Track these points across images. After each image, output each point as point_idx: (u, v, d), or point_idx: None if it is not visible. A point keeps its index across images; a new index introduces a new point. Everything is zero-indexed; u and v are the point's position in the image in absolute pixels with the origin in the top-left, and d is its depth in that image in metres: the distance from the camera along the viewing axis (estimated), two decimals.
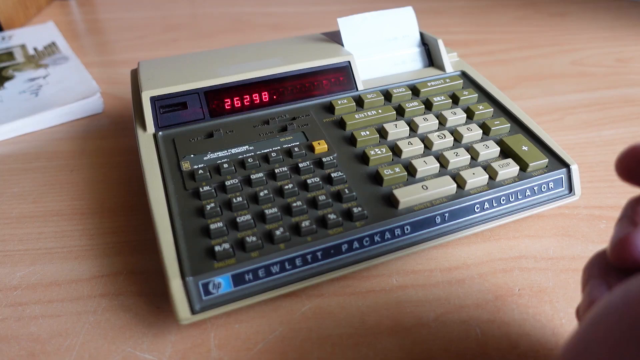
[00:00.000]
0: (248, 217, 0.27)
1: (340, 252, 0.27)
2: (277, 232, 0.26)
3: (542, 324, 0.27)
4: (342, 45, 0.40)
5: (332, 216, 0.27)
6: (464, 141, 0.33)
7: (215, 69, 0.37)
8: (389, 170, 0.30)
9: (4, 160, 0.42)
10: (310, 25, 0.75)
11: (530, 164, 0.31)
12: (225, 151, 0.32)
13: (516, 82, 0.55)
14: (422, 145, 0.33)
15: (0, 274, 0.30)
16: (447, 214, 0.29)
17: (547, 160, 0.32)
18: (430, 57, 0.42)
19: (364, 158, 0.32)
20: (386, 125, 0.34)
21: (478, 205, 0.30)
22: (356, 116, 0.35)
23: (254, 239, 0.26)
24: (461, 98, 0.37)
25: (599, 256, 0.20)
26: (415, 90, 0.38)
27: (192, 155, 0.32)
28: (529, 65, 0.59)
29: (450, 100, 0.37)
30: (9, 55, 0.60)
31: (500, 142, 0.33)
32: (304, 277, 0.27)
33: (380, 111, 0.35)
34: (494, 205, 0.30)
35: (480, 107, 0.36)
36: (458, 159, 0.31)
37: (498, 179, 0.31)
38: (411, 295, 0.28)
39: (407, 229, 0.29)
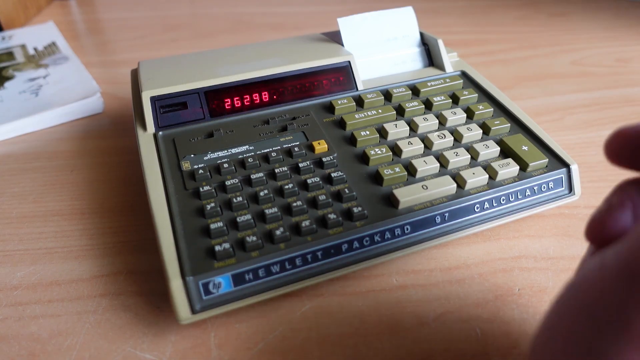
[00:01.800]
0: (248, 217, 0.27)
1: (340, 252, 0.27)
2: (277, 232, 0.26)
3: None
4: (342, 45, 0.40)
5: (332, 216, 0.27)
6: (464, 141, 0.33)
7: (215, 69, 0.37)
8: (389, 170, 0.30)
9: (4, 160, 0.42)
10: (310, 25, 0.75)
11: (530, 164, 0.31)
12: (226, 151, 0.32)
13: (516, 82, 0.55)
14: (422, 145, 0.33)
15: (1, 274, 0.30)
16: (447, 214, 0.29)
17: (547, 160, 0.32)
18: (430, 57, 0.42)
19: (364, 158, 0.32)
20: (386, 125, 0.34)
21: (478, 205, 0.30)
22: (356, 116, 0.35)
23: (254, 238, 0.26)
24: (461, 98, 0.37)
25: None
26: (415, 90, 0.38)
27: (192, 155, 0.32)
28: (529, 65, 0.59)
29: (450, 100, 0.37)
30: (9, 55, 0.60)
31: (500, 142, 0.33)
32: (304, 277, 0.27)
33: (380, 111, 0.35)
34: (494, 205, 0.30)
35: (480, 107, 0.36)
36: (458, 158, 0.31)
37: (498, 178, 0.31)
38: (411, 295, 0.28)
39: (407, 229, 0.29)
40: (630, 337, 0.14)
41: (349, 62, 0.38)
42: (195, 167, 0.31)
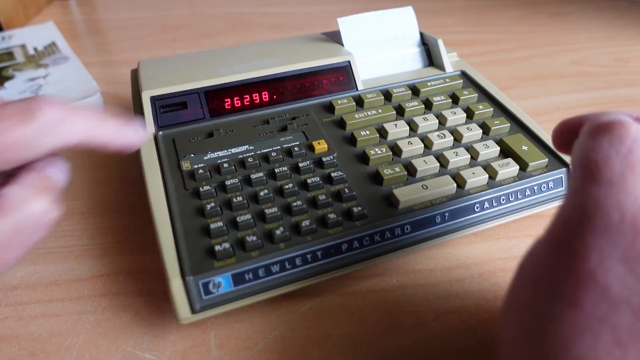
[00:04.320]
0: (248, 216, 0.27)
1: (340, 251, 0.27)
2: (277, 232, 0.26)
3: None
4: (342, 45, 0.40)
5: (332, 216, 0.27)
6: (463, 141, 0.33)
7: (215, 68, 0.37)
8: (389, 170, 0.30)
9: None
10: (310, 25, 0.75)
11: (530, 164, 0.31)
12: (225, 151, 0.32)
13: (516, 82, 0.55)
14: (422, 145, 0.33)
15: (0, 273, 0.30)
16: (447, 214, 0.29)
17: (547, 159, 0.32)
18: (430, 57, 0.42)
19: (364, 158, 0.32)
20: (386, 125, 0.34)
21: (478, 205, 0.30)
22: (356, 116, 0.35)
23: (254, 238, 0.26)
24: (461, 98, 0.37)
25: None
26: (415, 90, 0.38)
27: (192, 155, 0.32)
28: (529, 65, 0.59)
29: (450, 100, 0.37)
30: (9, 55, 0.60)
31: (500, 142, 0.33)
32: (304, 276, 0.27)
33: (380, 111, 0.35)
34: (494, 204, 0.30)
35: (480, 107, 0.36)
36: (458, 158, 0.31)
37: (498, 178, 0.31)
38: (411, 295, 0.28)
39: (407, 229, 0.29)
40: (561, 296, 0.16)
41: (349, 62, 0.38)
42: (195, 167, 0.31)
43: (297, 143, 0.33)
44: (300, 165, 0.31)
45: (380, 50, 0.40)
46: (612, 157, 0.17)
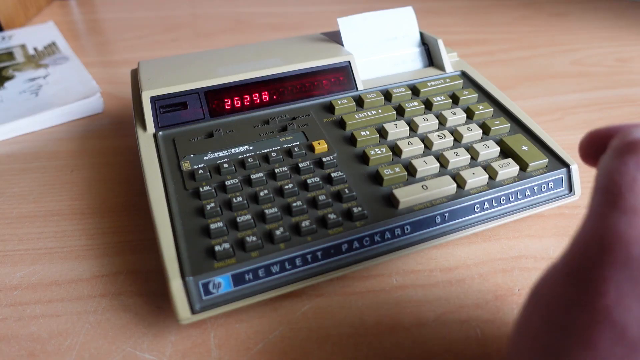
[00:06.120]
0: (248, 217, 0.27)
1: (340, 252, 0.27)
2: (277, 232, 0.26)
3: None
4: (342, 45, 0.40)
5: (332, 216, 0.27)
6: (464, 141, 0.33)
7: (215, 69, 0.37)
8: (389, 170, 0.30)
9: (4, 160, 0.42)
10: (310, 25, 0.75)
11: (530, 164, 0.31)
12: (225, 151, 0.32)
13: (516, 82, 0.55)
14: (422, 145, 0.33)
15: (0, 274, 0.30)
16: (447, 214, 0.29)
17: (547, 160, 0.32)
18: (430, 57, 0.42)
19: (364, 158, 0.32)
20: (386, 125, 0.34)
21: (478, 205, 0.30)
22: (356, 116, 0.35)
23: (254, 238, 0.26)
24: (461, 98, 0.37)
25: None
26: (415, 90, 0.38)
27: (192, 155, 0.32)
28: (529, 65, 0.59)
29: (450, 100, 0.37)
30: (9, 55, 0.60)
31: (500, 142, 0.33)
32: (304, 277, 0.27)
33: (380, 111, 0.35)
34: (494, 205, 0.30)
35: (480, 107, 0.36)
36: (458, 158, 0.31)
37: (498, 178, 0.31)
38: (411, 295, 0.28)
39: (407, 229, 0.29)
40: (575, 334, 0.15)
41: (349, 62, 0.38)
42: (195, 167, 0.31)
43: (297, 143, 0.33)
44: (300, 165, 0.31)
45: (380, 50, 0.40)
46: (638, 181, 0.16)
